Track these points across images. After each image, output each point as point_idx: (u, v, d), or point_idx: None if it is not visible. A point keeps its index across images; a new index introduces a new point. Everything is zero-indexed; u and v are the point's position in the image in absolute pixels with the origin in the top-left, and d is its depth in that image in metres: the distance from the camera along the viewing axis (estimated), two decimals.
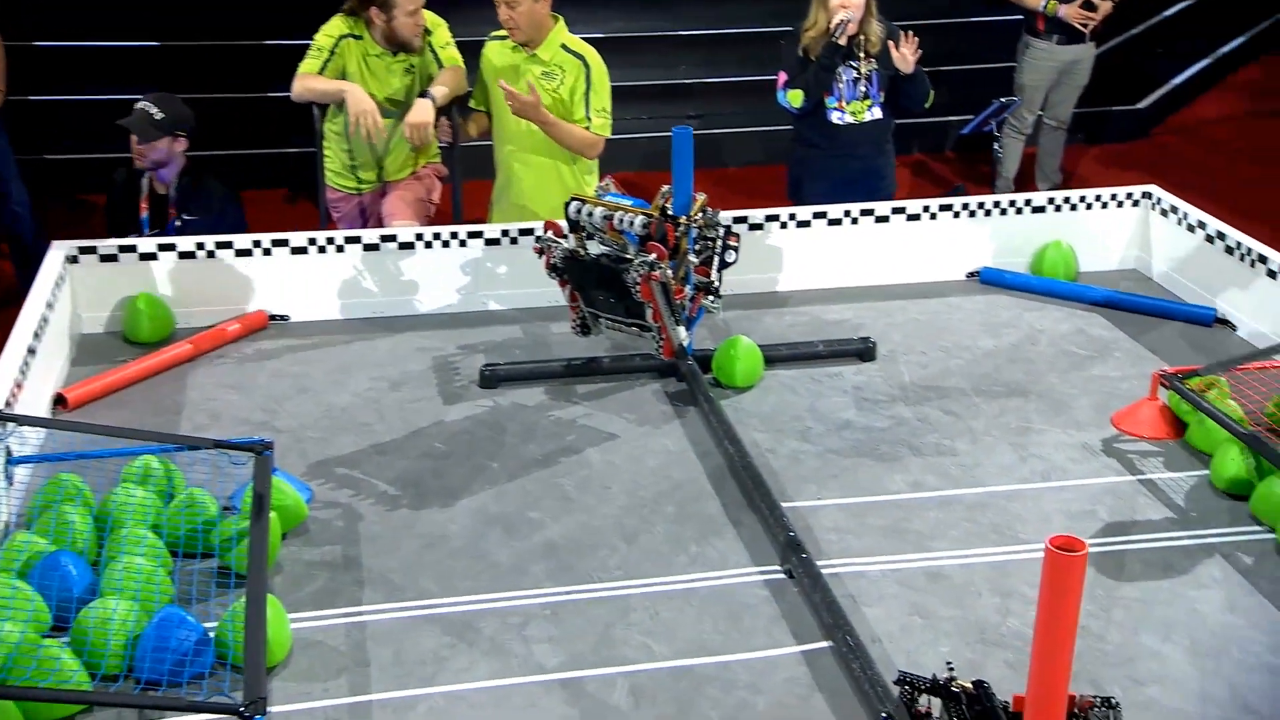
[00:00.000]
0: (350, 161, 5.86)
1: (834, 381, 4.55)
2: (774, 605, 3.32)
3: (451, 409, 4.34)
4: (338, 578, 3.42)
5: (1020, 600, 3.39)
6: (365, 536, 3.60)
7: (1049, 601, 2.05)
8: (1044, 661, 2.10)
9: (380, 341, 4.85)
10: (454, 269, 5.07)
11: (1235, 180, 9.45)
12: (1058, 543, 2.00)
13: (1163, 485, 3.97)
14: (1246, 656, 3.22)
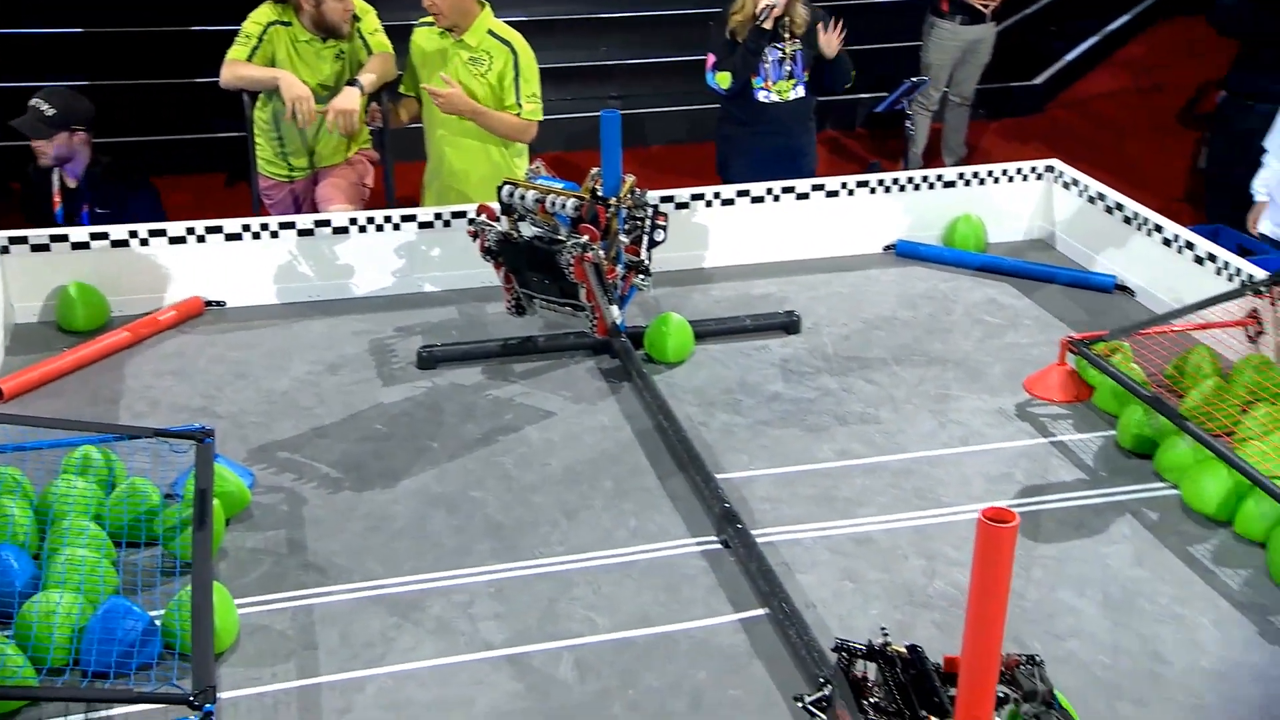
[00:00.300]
0: (281, 149, 5.68)
1: (761, 355, 4.51)
2: (711, 575, 3.28)
3: (390, 391, 4.23)
4: (283, 562, 3.32)
5: (944, 562, 3.38)
6: (309, 520, 3.50)
7: (982, 571, 2.01)
8: (977, 628, 2.07)
9: (317, 325, 4.71)
10: (388, 252, 4.95)
11: (1124, 152, 9.57)
12: (989, 514, 1.97)
13: (1073, 446, 3.98)
14: (1155, 608, 3.24)
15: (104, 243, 4.70)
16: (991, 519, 1.97)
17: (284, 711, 2.79)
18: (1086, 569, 3.38)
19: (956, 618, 3.15)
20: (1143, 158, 9.51)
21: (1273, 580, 3.35)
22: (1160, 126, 10.44)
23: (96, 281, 4.68)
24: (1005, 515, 1.97)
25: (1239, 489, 3.60)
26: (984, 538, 1.99)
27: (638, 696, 2.84)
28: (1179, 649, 3.10)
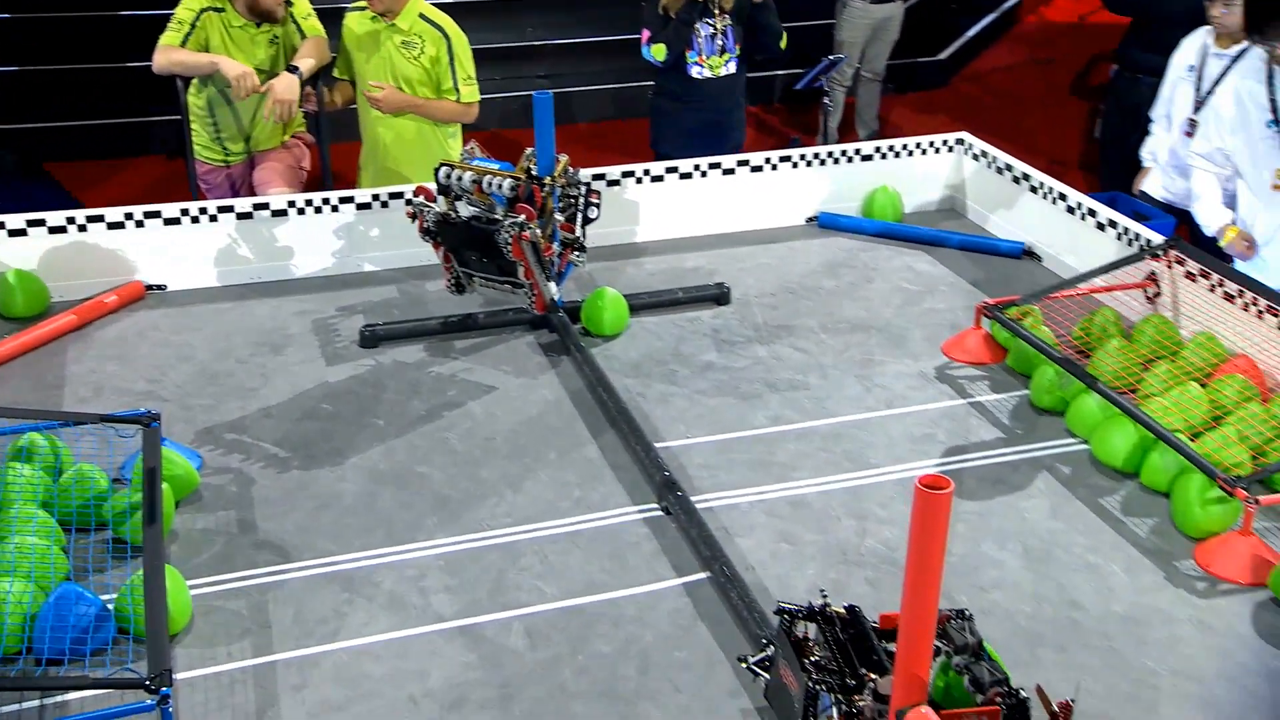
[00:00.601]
0: (217, 134, 5.51)
1: (694, 326, 4.48)
2: (654, 541, 3.25)
3: (334, 370, 4.13)
4: (234, 542, 3.23)
5: (874, 521, 3.38)
6: (258, 500, 3.41)
7: (919, 535, 2.00)
8: (915, 589, 2.06)
9: (259, 307, 4.59)
10: (328, 233, 4.82)
11: (1023, 123, 9.67)
12: (925, 481, 1.96)
13: (990, 406, 4.01)
14: (1070, 558, 3.27)
15: (41, 229, 4.53)
16: (927, 486, 1.96)
17: (240, 690, 2.71)
18: (1006, 523, 3.40)
19: (888, 574, 3.16)
20: (1040, 128, 9.61)
21: (1176, 527, 3.40)
22: (1056, 98, 10.56)
23: (35, 268, 4.51)
24: (940, 482, 1.96)
25: (1144, 443, 3.64)
26: (920, 504, 1.98)
27: (587, 662, 2.81)
28: (1094, 596, 3.13)
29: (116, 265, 4.63)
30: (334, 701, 2.68)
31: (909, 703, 2.09)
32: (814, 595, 2.90)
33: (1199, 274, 4.32)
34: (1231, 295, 4.19)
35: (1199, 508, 3.37)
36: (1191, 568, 3.25)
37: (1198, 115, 5.80)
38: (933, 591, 2.04)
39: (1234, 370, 3.98)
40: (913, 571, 2.03)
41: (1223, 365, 4.04)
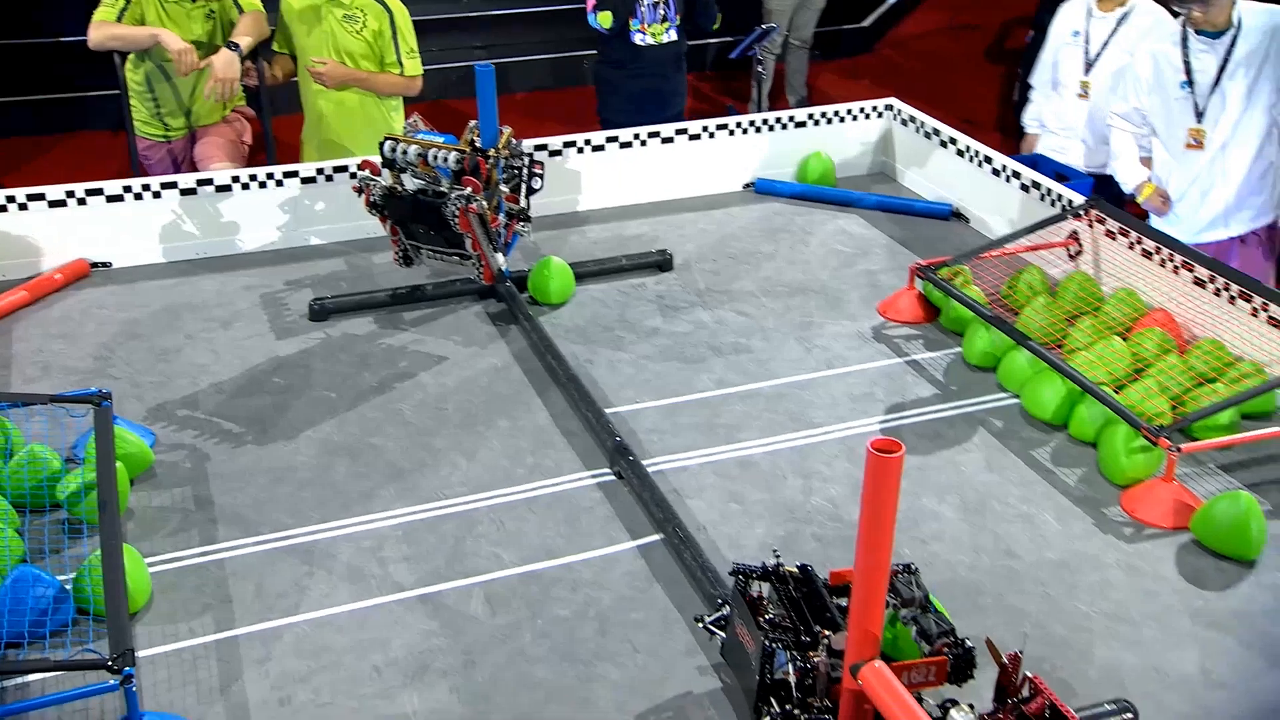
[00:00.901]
0: (156, 109, 5.34)
1: (639, 292, 4.43)
2: (608, 506, 3.22)
3: (285, 344, 4.03)
4: (190, 518, 3.15)
5: (819, 479, 3.38)
6: (214, 475, 3.32)
7: (871, 497, 1.99)
8: (869, 548, 2.06)
9: (206, 282, 4.46)
10: (273, 208, 4.70)
11: (945, 87, 9.69)
12: (877, 445, 1.95)
13: (925, 364, 4.02)
14: (1005, 509, 3.30)
15: None
16: (879, 450, 1.95)
17: (203, 666, 2.65)
18: (944, 476, 3.42)
19: (834, 530, 3.16)
20: (961, 91, 9.65)
21: (1103, 476, 3.44)
22: (976, 62, 10.60)
23: None
24: (891, 446, 1.94)
25: (1071, 396, 3.68)
26: (872, 467, 1.97)
27: (546, 626, 2.78)
28: (1028, 544, 3.16)
29: (61, 243, 4.48)
30: (297, 673, 2.62)
31: (863, 658, 2.09)
32: (764, 553, 2.91)
33: (1118, 232, 4.36)
34: (1149, 252, 4.23)
35: (1124, 457, 3.41)
36: (1118, 514, 3.29)
37: (1088, 77, 5.85)
38: (885, 551, 2.03)
39: (1153, 324, 4.03)
40: (865, 532, 2.02)
41: (1142, 319, 4.10)
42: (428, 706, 2.53)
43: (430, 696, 2.55)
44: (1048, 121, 6.14)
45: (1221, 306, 3.95)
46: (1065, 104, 6.00)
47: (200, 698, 2.55)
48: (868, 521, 2.00)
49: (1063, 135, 6.03)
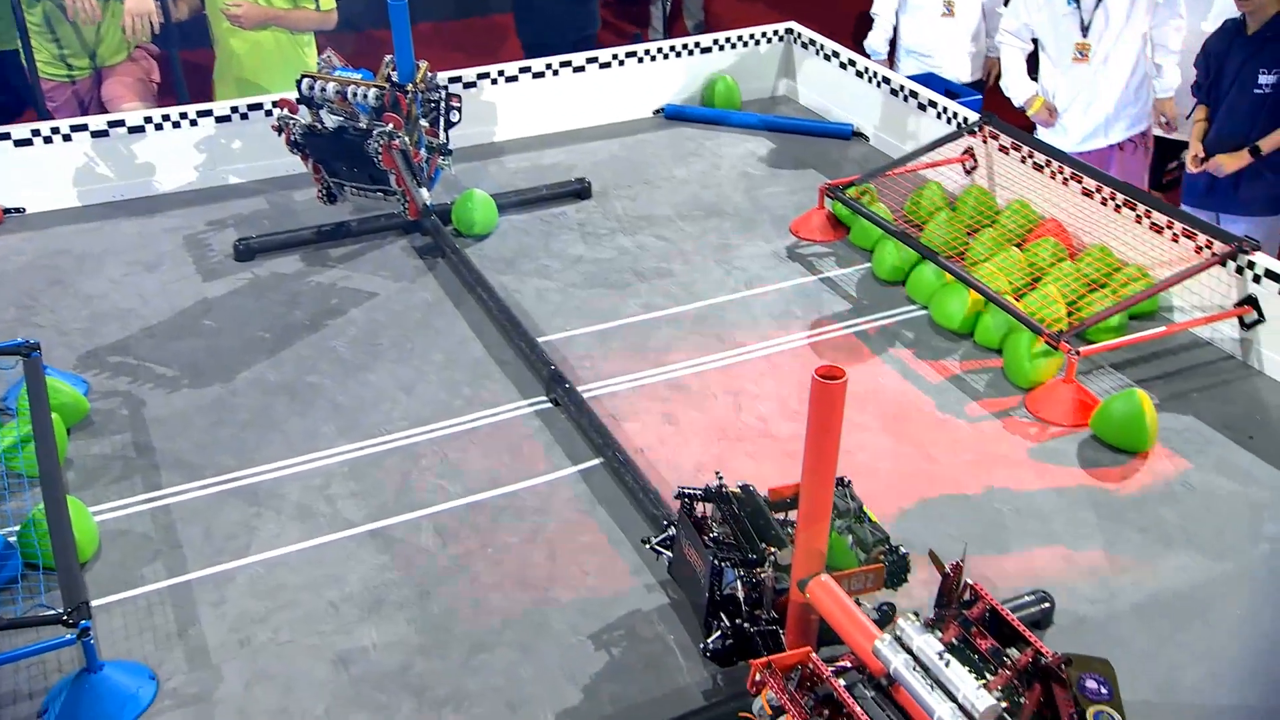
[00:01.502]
0: (59, 50, 4.98)
1: (560, 221, 4.32)
2: (547, 433, 3.16)
3: (212, 285, 3.84)
4: (132, 465, 3.00)
5: (747, 397, 3.36)
6: (152, 421, 3.17)
7: (817, 423, 1.96)
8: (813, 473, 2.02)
9: (126, 226, 4.22)
10: (188, 147, 4.45)
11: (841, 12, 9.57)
12: (821, 372, 1.90)
13: (838, 281, 4.00)
14: (923, 416, 3.31)
15: None
16: (823, 376, 1.91)
17: (159, 612, 2.54)
18: (864, 389, 3.42)
19: (764, 447, 3.14)
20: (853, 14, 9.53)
21: (1009, 380, 3.47)
22: None
23: None
24: (835, 372, 1.91)
25: (976, 306, 3.70)
26: (817, 394, 1.93)
27: (497, 554, 2.72)
28: (945, 448, 3.18)
29: None
30: (254, 614, 2.53)
31: (809, 573, 2.07)
32: (700, 473, 2.88)
33: (1010, 147, 4.36)
34: (1040, 165, 4.25)
35: (1028, 362, 3.44)
36: (1024, 415, 3.33)
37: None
38: (829, 473, 2.01)
39: (1045, 234, 4.06)
40: (811, 455, 1.99)
41: (1036, 229, 4.13)
42: (386, 639, 2.46)
43: (388, 629, 2.49)
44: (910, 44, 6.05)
45: (1108, 215, 4.00)
46: (927, 24, 5.92)
47: (158, 644, 2.45)
48: (813, 445, 1.97)
49: (925, 57, 5.96)
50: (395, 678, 2.36)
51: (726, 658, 2.28)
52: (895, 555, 2.31)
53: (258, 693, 2.31)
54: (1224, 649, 2.52)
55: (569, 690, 2.33)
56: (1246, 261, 3.53)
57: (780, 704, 1.81)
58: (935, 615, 1.89)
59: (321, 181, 3.95)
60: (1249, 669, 2.47)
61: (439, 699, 2.31)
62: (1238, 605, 2.64)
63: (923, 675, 1.75)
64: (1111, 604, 2.63)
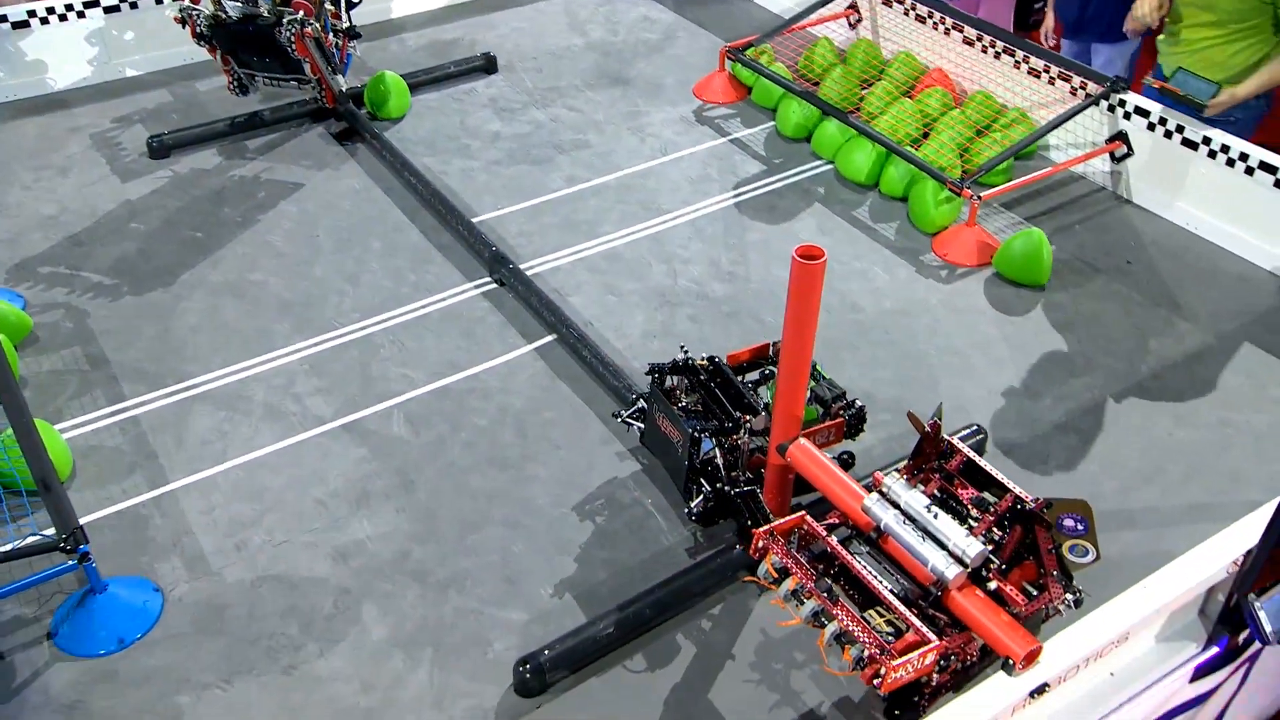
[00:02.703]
0: None
1: (472, 98, 4.06)
2: (498, 314, 3.03)
3: (132, 186, 3.51)
4: (89, 379, 2.77)
5: (679, 262, 3.27)
6: (100, 332, 2.92)
7: (797, 300, 1.90)
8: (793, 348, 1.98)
9: (26, 127, 3.80)
10: (79, 42, 3.99)
11: None
12: (801, 252, 1.84)
13: (746, 141, 3.89)
14: (843, 268, 3.28)
15: None
16: (803, 256, 1.84)
17: (149, 524, 2.39)
18: (786, 245, 3.36)
19: (703, 309, 3.08)
20: None
21: (915, 227, 3.47)
22: None
23: None
24: (814, 252, 1.84)
25: (879, 158, 3.65)
26: (798, 273, 1.87)
27: (470, 437, 2.63)
28: (868, 297, 3.17)
29: None
30: (245, 518, 2.41)
31: (788, 437, 2.05)
32: (647, 339, 2.82)
33: None
34: (922, 17, 4.15)
35: (933, 208, 3.44)
36: (933, 259, 3.34)
37: None
38: (808, 348, 1.97)
39: (932, 83, 4.01)
40: (791, 331, 1.94)
41: (923, 79, 4.07)
42: (379, 530, 2.38)
43: (379, 520, 2.40)
44: None
45: (988, 61, 3.95)
46: None
47: (154, 555, 2.31)
48: (793, 321, 1.92)
49: None
50: (395, 566, 2.29)
51: (709, 519, 2.27)
52: (853, 410, 2.31)
53: (264, 593, 2.21)
54: (1128, 456, 2.62)
55: (561, 560, 2.30)
56: (1118, 100, 3.55)
57: (784, 565, 1.81)
58: (911, 467, 1.90)
59: (231, 73, 3.61)
60: (1150, 471, 2.59)
61: (441, 582, 2.25)
62: (1136, 415, 2.75)
63: (913, 528, 1.76)
64: (1034, 428, 2.71)
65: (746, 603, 2.21)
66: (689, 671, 2.06)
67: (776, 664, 2.08)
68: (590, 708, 2.00)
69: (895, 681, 1.63)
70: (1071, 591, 1.73)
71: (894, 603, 1.71)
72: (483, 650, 2.10)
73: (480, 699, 2.01)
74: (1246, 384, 2.88)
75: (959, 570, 1.68)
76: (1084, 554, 1.69)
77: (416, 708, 2.00)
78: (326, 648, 2.10)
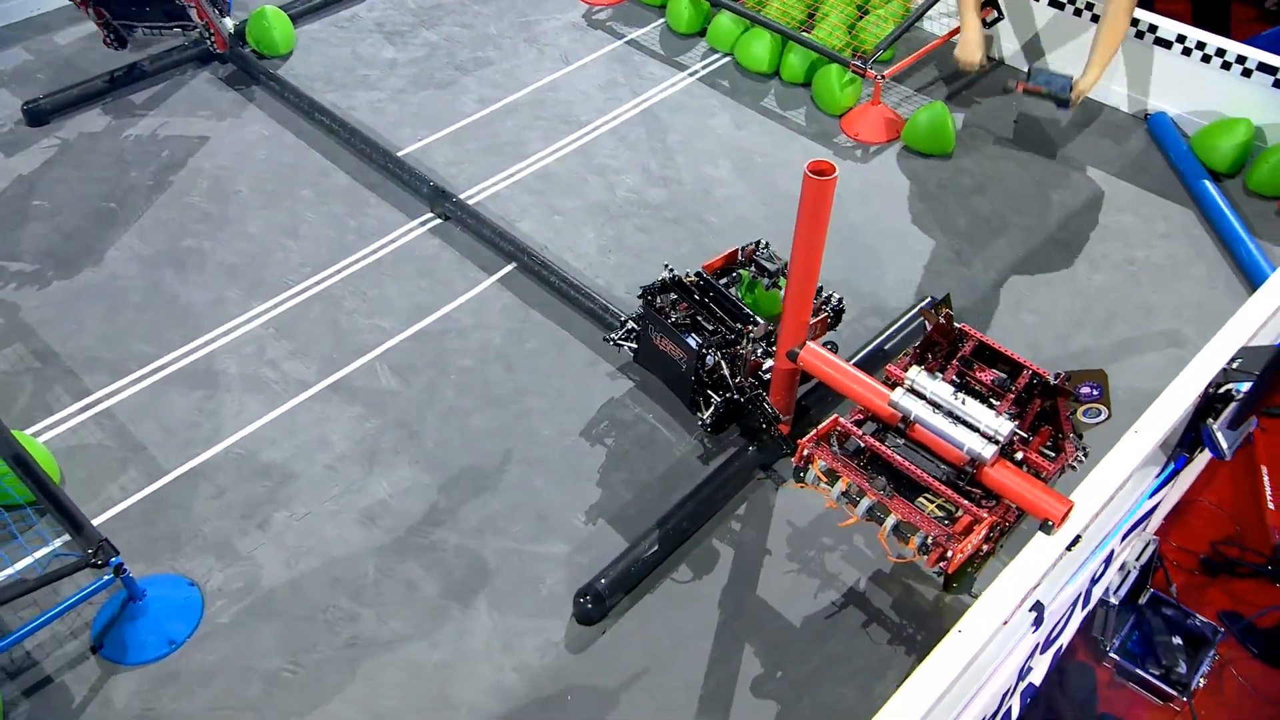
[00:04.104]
0: None
1: (357, 24, 3.75)
2: (450, 250, 2.87)
3: (20, 159, 3.13)
4: (45, 376, 2.51)
5: (612, 173, 3.17)
6: (38, 324, 2.63)
7: (809, 214, 1.87)
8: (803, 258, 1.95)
9: None
10: None
11: None
12: (812, 168, 1.80)
13: (643, 41, 3.75)
14: (766, 159, 3.23)
15: None
16: (815, 172, 1.80)
17: (163, 519, 2.22)
18: (707, 143, 3.29)
19: (648, 219, 3.00)
20: None
21: (821, 110, 3.45)
22: None
23: None
24: (825, 167, 1.80)
25: (777, 45, 3.59)
26: (810, 188, 1.83)
27: (459, 379, 2.52)
28: (797, 184, 3.11)
29: None
30: (259, 496, 2.26)
31: (797, 343, 2.06)
32: (604, 255, 2.74)
33: None
34: None
35: (839, 91, 3.42)
36: (845, 140, 3.34)
37: None
38: (817, 260, 1.95)
39: None
40: (801, 243, 1.92)
41: None
42: (398, 486, 2.28)
43: (395, 476, 2.30)
44: None
45: None
46: None
47: (178, 550, 2.16)
48: (804, 233, 1.89)
49: None
50: (425, 519, 2.21)
51: (720, 427, 2.27)
52: (835, 305, 2.32)
53: (303, 569, 2.11)
54: (1059, 305, 2.75)
55: (584, 487, 2.27)
56: None
57: (831, 468, 1.84)
58: (933, 360, 1.93)
59: (106, 26, 3.20)
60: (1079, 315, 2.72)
61: (475, 528, 2.19)
62: (1056, 265, 2.87)
63: (943, 415, 1.81)
64: (973, 292, 2.79)
65: (767, 499, 2.25)
66: (732, 572, 2.10)
67: (809, 551, 2.14)
68: (652, 622, 2.01)
69: (959, 560, 1.70)
70: (1081, 449, 1.83)
71: (941, 487, 1.77)
72: (534, 588, 2.08)
73: (546, 634, 2.00)
74: (1138, 223, 3.04)
75: (994, 449, 1.74)
76: (1097, 415, 1.78)
77: (488, 654, 1.98)
78: (382, 612, 2.04)
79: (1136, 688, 2.73)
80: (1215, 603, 2.93)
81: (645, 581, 2.07)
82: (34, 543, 2.08)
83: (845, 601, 2.05)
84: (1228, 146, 3.20)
